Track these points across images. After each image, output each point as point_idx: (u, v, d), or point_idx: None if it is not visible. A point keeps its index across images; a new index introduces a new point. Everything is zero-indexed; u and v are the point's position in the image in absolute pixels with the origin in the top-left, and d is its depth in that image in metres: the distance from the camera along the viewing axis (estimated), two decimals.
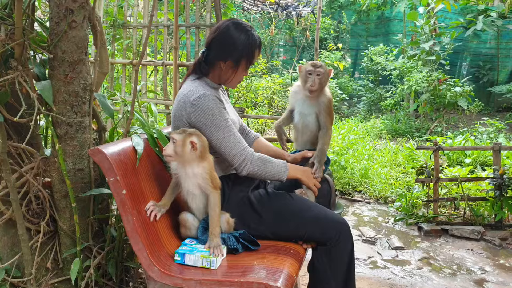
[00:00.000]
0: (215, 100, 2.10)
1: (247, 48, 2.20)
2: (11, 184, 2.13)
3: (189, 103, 2.09)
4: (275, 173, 2.17)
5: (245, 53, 2.20)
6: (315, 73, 2.47)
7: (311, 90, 2.47)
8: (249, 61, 2.24)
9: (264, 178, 2.22)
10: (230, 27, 2.21)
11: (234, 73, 2.25)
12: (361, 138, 7.36)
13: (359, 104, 11.71)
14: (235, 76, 2.26)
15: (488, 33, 11.96)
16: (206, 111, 2.08)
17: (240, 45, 2.19)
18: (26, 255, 2.24)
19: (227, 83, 2.31)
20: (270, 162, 2.17)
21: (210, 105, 2.08)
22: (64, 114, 2.08)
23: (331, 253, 2.04)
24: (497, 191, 4.02)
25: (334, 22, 13.96)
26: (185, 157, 1.92)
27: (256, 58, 2.28)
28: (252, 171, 2.12)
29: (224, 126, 2.09)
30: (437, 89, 8.65)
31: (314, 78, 2.46)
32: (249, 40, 2.20)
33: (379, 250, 3.78)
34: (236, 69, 2.23)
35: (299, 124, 2.59)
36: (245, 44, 2.19)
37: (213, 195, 1.96)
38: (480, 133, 7.19)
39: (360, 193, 5.35)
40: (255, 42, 2.22)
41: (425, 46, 8.94)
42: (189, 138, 1.91)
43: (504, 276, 3.33)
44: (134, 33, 4.64)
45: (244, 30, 2.21)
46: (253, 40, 2.21)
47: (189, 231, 2.07)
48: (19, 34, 1.84)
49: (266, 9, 7.62)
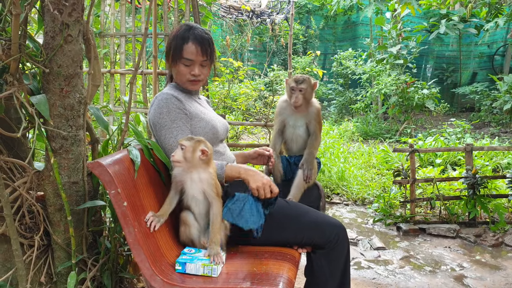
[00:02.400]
0: (168, 99, 2.19)
1: (174, 42, 2.27)
2: (4, 199, 2.10)
3: (152, 104, 2.24)
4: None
5: (172, 46, 2.27)
6: (298, 89, 2.56)
7: (295, 106, 2.58)
8: (176, 54, 2.26)
9: None
10: (175, 29, 2.34)
11: (175, 69, 2.31)
12: (336, 142, 7.51)
13: (330, 107, 11.92)
14: (177, 73, 2.32)
15: (450, 36, 12.42)
16: (157, 109, 2.20)
17: (169, 40, 2.30)
18: (20, 270, 2.21)
19: (181, 83, 2.36)
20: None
21: (162, 103, 2.19)
22: (60, 128, 2.07)
23: (329, 256, 2.11)
24: (471, 190, 4.20)
25: (303, 28, 14.17)
26: (193, 163, 1.96)
27: (190, 52, 2.24)
28: None
29: (168, 126, 2.15)
30: (405, 91, 8.92)
31: (297, 94, 2.56)
32: (178, 34, 2.27)
33: (362, 251, 3.89)
34: (172, 64, 2.31)
35: (293, 136, 2.68)
36: (173, 38, 2.28)
37: (216, 203, 2.00)
38: (448, 134, 7.46)
39: (338, 195, 5.47)
40: (184, 35, 2.25)
41: (393, 50, 9.21)
42: (199, 145, 1.96)
43: (481, 271, 3.49)
44: (112, 42, 4.62)
45: (181, 27, 2.30)
46: (183, 33, 2.25)
47: (189, 228, 2.08)
48: (16, 50, 1.83)
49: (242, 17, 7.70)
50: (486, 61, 12.92)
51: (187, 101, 2.26)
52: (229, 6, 7.39)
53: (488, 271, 3.48)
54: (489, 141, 6.94)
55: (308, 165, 2.55)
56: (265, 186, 2.06)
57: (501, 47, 12.68)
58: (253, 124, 6.02)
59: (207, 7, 5.53)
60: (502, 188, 4.68)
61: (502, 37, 12.58)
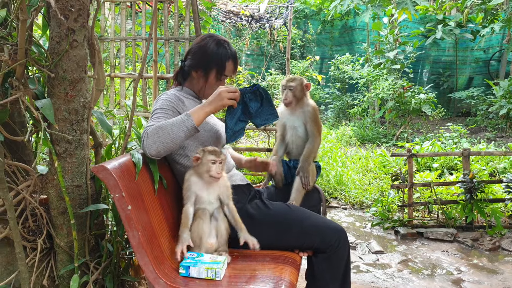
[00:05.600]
0: (169, 95, 2.23)
1: (217, 58, 2.29)
2: (8, 202, 2.11)
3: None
4: (179, 127, 1.99)
5: (214, 63, 2.29)
6: (288, 87, 2.63)
7: (285, 104, 2.65)
8: (220, 71, 2.31)
9: (174, 143, 1.99)
10: (205, 39, 2.33)
11: (205, 82, 2.34)
12: (334, 146, 7.55)
13: (327, 111, 11.97)
14: (206, 86, 2.35)
15: (446, 41, 12.52)
16: (157, 99, 2.25)
17: (210, 54, 2.28)
18: (23, 273, 2.22)
19: (201, 93, 2.39)
20: (167, 124, 2.00)
21: (162, 96, 2.23)
22: (64, 132, 2.09)
23: (331, 259, 2.13)
24: (468, 194, 4.24)
25: (300, 32, 14.23)
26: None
27: (229, 70, 2.34)
28: (151, 144, 1.97)
29: (154, 114, 2.15)
30: (402, 96, 8.98)
31: (287, 92, 2.62)
32: (219, 50, 2.29)
33: (360, 254, 3.92)
34: (206, 78, 2.32)
35: (292, 137, 2.71)
36: (215, 54, 2.29)
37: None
38: (445, 138, 7.51)
39: (336, 199, 5.50)
40: (226, 53, 2.30)
41: (390, 55, 9.27)
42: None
43: (479, 275, 3.52)
44: (112, 46, 4.64)
45: (218, 42, 2.31)
46: (224, 51, 2.30)
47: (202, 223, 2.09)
48: (22, 54, 1.85)
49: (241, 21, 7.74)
50: (482, 66, 13.02)
51: (192, 105, 2.27)
52: (229, 11, 7.44)
53: (485, 275, 3.51)
54: (485, 146, 6.99)
55: (304, 173, 2.58)
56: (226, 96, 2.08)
57: (497, 52, 12.79)
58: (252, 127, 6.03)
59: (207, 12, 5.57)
60: (499, 193, 4.72)
61: (498, 42, 12.69)
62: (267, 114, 2.27)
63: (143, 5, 4.69)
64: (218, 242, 2.11)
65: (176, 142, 1.99)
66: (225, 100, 2.08)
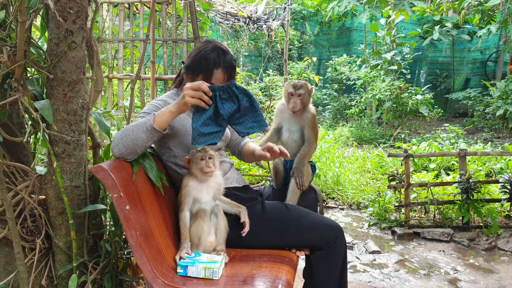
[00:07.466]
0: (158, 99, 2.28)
1: (205, 64, 2.18)
2: (7, 202, 2.13)
3: None
4: (140, 128, 1.97)
5: (202, 68, 2.19)
6: (296, 94, 2.61)
7: (293, 111, 2.62)
8: (206, 77, 2.18)
9: (135, 143, 1.98)
10: (204, 43, 2.28)
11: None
12: (331, 146, 7.57)
13: (324, 112, 12.00)
14: None
15: (443, 42, 12.57)
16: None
17: (199, 59, 2.21)
18: (21, 273, 2.24)
19: None
20: (131, 125, 2.00)
21: (152, 101, 2.27)
22: (63, 132, 2.11)
23: (328, 256, 2.16)
24: (464, 195, 4.26)
25: (298, 33, 14.27)
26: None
27: (217, 79, 2.19)
28: (114, 146, 1.99)
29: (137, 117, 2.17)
30: (399, 97, 9.01)
31: (295, 99, 2.60)
32: (209, 56, 2.18)
33: (357, 254, 3.94)
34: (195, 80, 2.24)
35: (288, 140, 2.72)
36: (204, 59, 2.19)
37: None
38: (442, 139, 7.54)
39: (334, 199, 5.52)
40: (216, 61, 2.18)
41: (387, 56, 9.30)
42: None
43: (475, 274, 3.54)
44: (109, 47, 4.66)
45: (213, 48, 2.21)
46: (215, 58, 2.18)
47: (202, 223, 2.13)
48: (21, 56, 1.87)
49: (238, 23, 7.77)
50: (479, 67, 13.07)
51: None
52: (226, 13, 7.46)
53: (481, 275, 3.54)
54: (482, 147, 7.02)
55: (298, 173, 2.59)
56: (188, 94, 1.92)
57: (494, 53, 12.84)
58: None
59: (205, 13, 5.59)
60: (495, 193, 4.74)
61: (494, 43, 12.75)
62: (251, 121, 2.05)
63: (141, 7, 4.70)
64: (217, 240, 2.13)
65: (137, 143, 1.97)
66: (186, 98, 1.92)
